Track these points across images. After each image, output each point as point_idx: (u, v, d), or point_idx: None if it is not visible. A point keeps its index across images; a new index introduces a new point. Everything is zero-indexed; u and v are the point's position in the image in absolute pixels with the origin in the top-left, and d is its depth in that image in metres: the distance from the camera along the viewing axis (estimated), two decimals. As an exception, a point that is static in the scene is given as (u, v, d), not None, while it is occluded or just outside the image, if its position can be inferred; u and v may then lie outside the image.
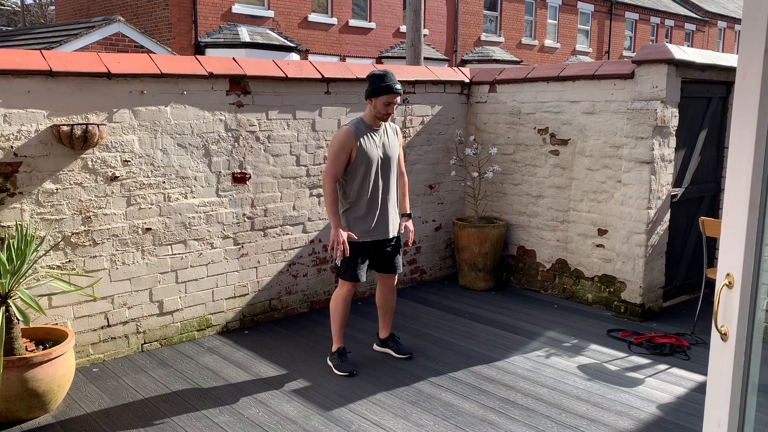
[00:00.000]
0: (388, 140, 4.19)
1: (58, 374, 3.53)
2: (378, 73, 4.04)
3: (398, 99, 4.07)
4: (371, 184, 4.10)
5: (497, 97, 6.16)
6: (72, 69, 3.95)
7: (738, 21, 36.51)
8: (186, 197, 4.56)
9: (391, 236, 4.25)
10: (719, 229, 1.78)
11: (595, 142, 5.47)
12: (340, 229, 3.99)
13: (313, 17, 19.35)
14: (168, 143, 4.43)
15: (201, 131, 4.58)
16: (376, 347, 4.60)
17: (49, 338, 3.78)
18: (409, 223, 4.34)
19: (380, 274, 4.39)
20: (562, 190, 5.75)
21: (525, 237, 6.11)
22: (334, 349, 4.29)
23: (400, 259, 4.39)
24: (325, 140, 5.29)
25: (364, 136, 4.06)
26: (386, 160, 4.16)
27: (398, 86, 4.03)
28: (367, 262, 4.21)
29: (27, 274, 3.63)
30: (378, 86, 4.00)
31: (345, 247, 3.95)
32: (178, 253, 4.58)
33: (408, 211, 4.38)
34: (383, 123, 4.17)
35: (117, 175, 4.22)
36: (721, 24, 36.55)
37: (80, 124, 3.91)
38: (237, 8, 17.53)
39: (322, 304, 5.49)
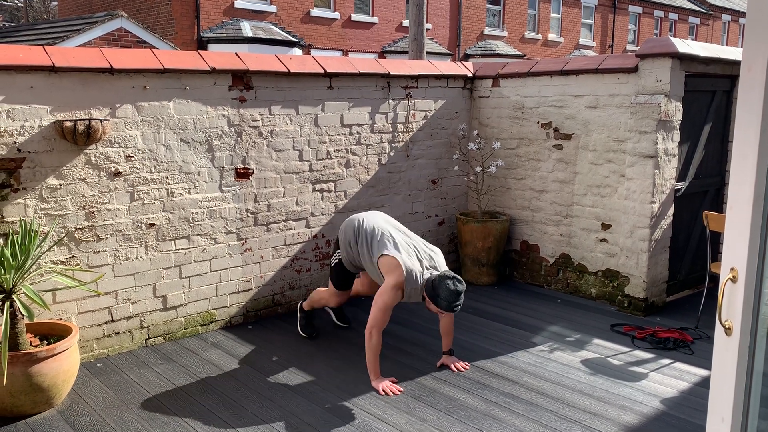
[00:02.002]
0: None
1: (62, 369, 3.55)
2: (449, 288, 3.75)
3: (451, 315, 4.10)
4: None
5: (500, 92, 6.14)
6: (75, 64, 3.95)
7: (742, 14, 36.32)
8: (189, 192, 4.57)
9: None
10: (723, 224, 1.78)
11: (598, 137, 5.45)
12: (379, 381, 3.90)
13: (316, 12, 19.32)
14: (171, 138, 4.43)
15: (204, 126, 4.58)
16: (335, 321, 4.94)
17: (54, 333, 3.80)
18: (453, 359, 4.20)
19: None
20: (566, 184, 5.74)
21: (528, 232, 6.11)
22: (306, 308, 4.74)
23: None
24: (328, 135, 5.28)
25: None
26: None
27: (458, 309, 3.85)
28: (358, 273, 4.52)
29: (31, 270, 3.64)
30: (440, 300, 3.77)
31: (393, 387, 3.87)
32: (182, 249, 4.59)
33: (450, 348, 4.22)
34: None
35: (120, 170, 4.22)
36: (726, 17, 36.37)
37: (83, 120, 3.92)
38: (239, 3, 17.51)
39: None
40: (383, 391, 3.82)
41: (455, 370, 4.14)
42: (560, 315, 5.26)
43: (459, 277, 3.83)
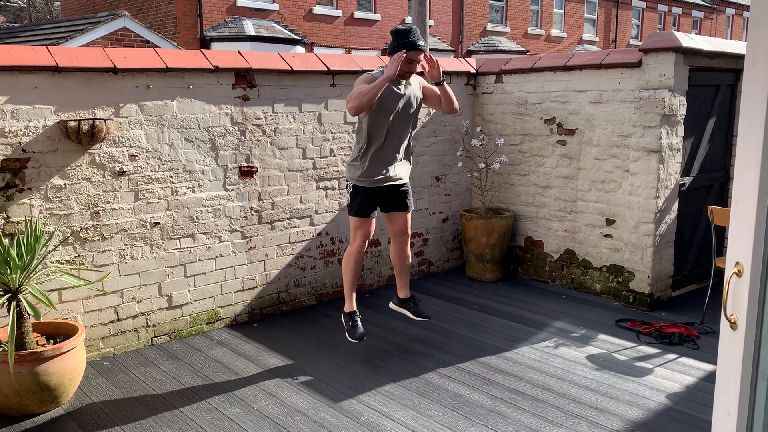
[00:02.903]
0: (409, 97, 4.17)
1: (69, 368, 3.56)
2: (402, 29, 4.00)
3: (421, 56, 4.03)
4: (385, 135, 4.11)
5: (504, 88, 6.13)
6: (78, 64, 3.96)
7: (746, 8, 36.15)
8: (193, 191, 4.58)
9: (398, 182, 4.28)
10: (728, 218, 1.77)
11: (602, 132, 5.44)
12: (390, 65, 3.92)
13: (318, 10, 19.31)
14: (175, 137, 4.44)
15: (207, 125, 4.59)
16: (392, 305, 4.68)
17: (60, 332, 3.81)
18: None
19: (391, 217, 4.37)
20: (570, 180, 5.73)
21: (532, 228, 6.10)
22: (346, 310, 4.40)
23: (411, 199, 4.40)
24: (331, 132, 5.29)
25: (386, 89, 4.01)
26: (404, 115, 4.15)
27: (422, 42, 3.99)
28: (376, 205, 4.27)
29: (37, 269, 3.65)
30: (401, 42, 3.96)
31: (401, 56, 3.90)
32: (187, 247, 4.60)
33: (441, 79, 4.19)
34: (406, 80, 4.16)
35: (124, 169, 4.23)
36: (729, 11, 36.21)
37: (87, 120, 3.93)
38: (242, 1, 17.51)
39: (330, 296, 5.50)
40: (398, 57, 3.87)
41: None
42: (565, 311, 5.25)
43: None
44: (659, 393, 3.82)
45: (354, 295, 4.40)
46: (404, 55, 3.94)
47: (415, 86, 4.23)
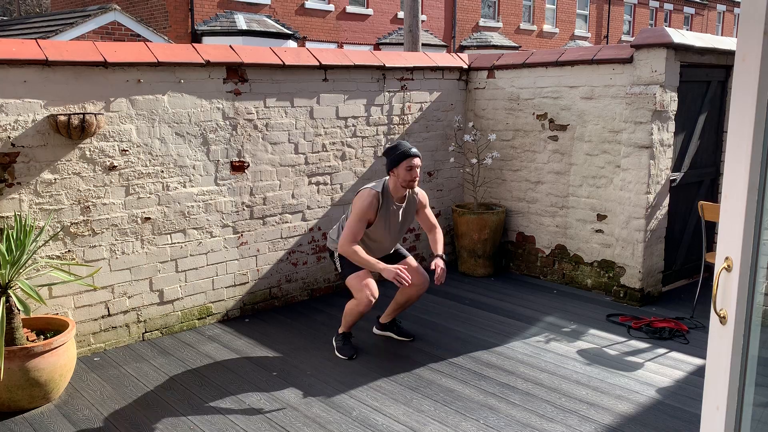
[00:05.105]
0: (409, 211, 4.24)
1: (59, 364, 3.55)
2: (390, 145, 4.11)
3: (418, 161, 4.05)
4: (379, 239, 4.19)
5: (496, 83, 6.14)
6: (68, 58, 3.93)
7: (737, 4, 36.30)
8: (185, 186, 4.56)
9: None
10: (718, 214, 1.78)
11: (594, 127, 5.45)
12: (388, 267, 3.90)
13: (310, 4, 19.24)
14: (166, 132, 4.42)
15: (199, 120, 4.56)
16: (376, 331, 4.62)
17: (50, 328, 3.79)
18: (439, 261, 4.09)
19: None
20: (561, 175, 5.75)
21: (524, 223, 6.12)
22: (340, 331, 4.35)
23: (402, 250, 4.45)
24: (324, 128, 5.27)
25: (387, 206, 4.10)
26: (401, 226, 4.24)
27: (414, 150, 4.04)
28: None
29: (27, 265, 3.63)
30: (395, 155, 4.03)
31: (404, 273, 3.87)
32: (178, 242, 4.58)
33: (439, 253, 4.18)
34: (408, 193, 4.18)
35: (115, 164, 4.21)
36: (720, 7, 36.35)
37: (77, 114, 3.90)
38: (233, -5, 17.42)
39: (322, 291, 5.50)
40: (399, 273, 3.82)
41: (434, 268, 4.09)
42: (556, 306, 5.28)
43: None
44: (649, 387, 3.85)
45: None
46: (401, 272, 3.84)
47: (412, 203, 4.24)
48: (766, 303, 1.76)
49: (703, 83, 5.57)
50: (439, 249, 4.22)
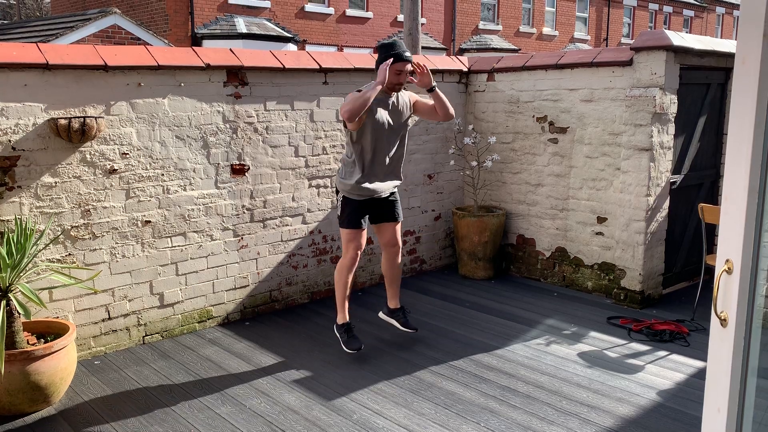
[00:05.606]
0: (399, 110, 4.20)
1: (59, 367, 3.54)
2: (386, 42, 4.11)
3: (408, 67, 4.07)
4: (374, 149, 4.13)
5: (496, 86, 6.14)
6: (69, 62, 3.93)
7: (736, 6, 36.34)
8: (185, 189, 4.56)
9: (386, 195, 4.32)
10: (718, 216, 1.78)
11: (593, 130, 5.46)
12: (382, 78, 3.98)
13: (310, 7, 19.27)
14: (166, 135, 4.42)
15: (199, 123, 4.57)
16: (381, 315, 4.66)
17: (51, 331, 3.79)
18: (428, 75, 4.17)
19: (380, 228, 4.40)
20: (561, 178, 5.75)
21: (524, 226, 6.12)
22: (339, 322, 4.36)
23: (399, 209, 4.43)
24: (324, 130, 5.28)
25: (375, 102, 4.07)
26: (393, 128, 4.18)
27: (407, 54, 4.05)
28: (366, 216, 4.27)
29: (27, 268, 3.63)
30: (387, 54, 4.03)
31: (388, 63, 3.96)
32: (178, 246, 4.58)
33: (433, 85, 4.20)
34: (396, 93, 4.19)
35: (116, 168, 4.21)
36: (720, 10, 36.40)
37: (78, 117, 3.90)
38: (233, -1, 17.44)
39: (322, 294, 5.50)
40: (384, 67, 3.94)
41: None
42: (557, 308, 5.27)
43: None
44: (650, 390, 3.84)
45: (347, 305, 4.37)
46: (391, 61, 3.98)
47: (404, 100, 4.26)
48: (766, 305, 1.76)
49: (703, 86, 5.58)
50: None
